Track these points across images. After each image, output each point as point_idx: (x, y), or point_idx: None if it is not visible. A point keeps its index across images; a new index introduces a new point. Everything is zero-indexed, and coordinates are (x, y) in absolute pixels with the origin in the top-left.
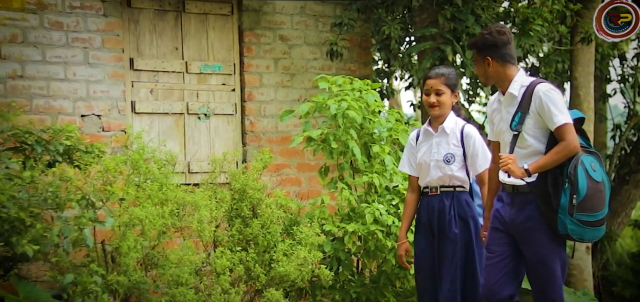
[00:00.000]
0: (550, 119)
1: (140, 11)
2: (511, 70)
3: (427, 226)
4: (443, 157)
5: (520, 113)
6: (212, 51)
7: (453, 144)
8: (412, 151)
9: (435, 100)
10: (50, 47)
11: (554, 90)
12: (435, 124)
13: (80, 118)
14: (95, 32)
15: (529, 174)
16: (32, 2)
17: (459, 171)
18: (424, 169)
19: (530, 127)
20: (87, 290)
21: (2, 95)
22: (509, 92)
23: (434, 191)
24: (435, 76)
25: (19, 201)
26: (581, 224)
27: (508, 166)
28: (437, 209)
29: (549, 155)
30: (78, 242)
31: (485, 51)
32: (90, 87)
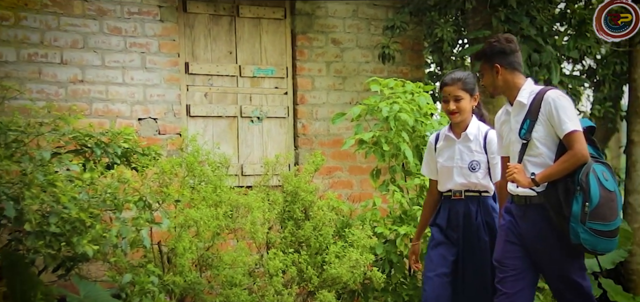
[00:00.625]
0: (559, 125)
1: (196, 16)
2: (519, 79)
3: (447, 231)
4: (468, 164)
5: (529, 120)
6: (265, 55)
7: (477, 151)
8: (432, 154)
9: (454, 107)
10: (109, 52)
11: (564, 97)
12: (457, 129)
13: (137, 121)
14: (152, 37)
15: (537, 184)
16: (92, 9)
17: (484, 178)
18: (445, 175)
19: (541, 135)
20: (145, 290)
21: (63, 99)
22: (518, 101)
23: (458, 195)
24: (452, 82)
25: (80, 202)
26: (594, 233)
27: (514, 176)
28: (462, 214)
29: (557, 164)
30: (135, 242)
31: (493, 59)
32: (147, 91)
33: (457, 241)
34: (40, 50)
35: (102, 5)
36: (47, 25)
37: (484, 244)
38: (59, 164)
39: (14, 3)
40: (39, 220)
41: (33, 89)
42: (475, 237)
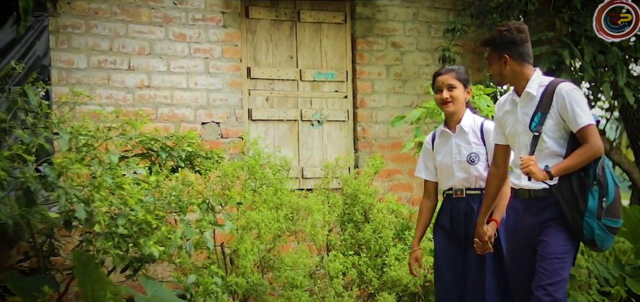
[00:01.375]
0: (573, 119)
1: (258, 21)
2: (528, 70)
3: (450, 231)
4: (466, 157)
5: (540, 114)
6: (325, 59)
7: (474, 143)
8: (428, 154)
9: (448, 96)
10: (174, 58)
11: (576, 90)
12: (452, 123)
13: (201, 125)
14: (216, 42)
15: (551, 177)
16: (158, 16)
17: (485, 170)
18: (445, 172)
19: (550, 128)
20: (209, 290)
21: (130, 105)
22: (527, 92)
23: (459, 194)
24: (446, 72)
25: (146, 205)
26: (606, 229)
27: (529, 168)
28: (464, 213)
29: (573, 157)
30: (199, 244)
31: (502, 49)
32: (210, 95)
33: (461, 239)
34: (109, 57)
35: (167, 13)
36: (116, 32)
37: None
38: (127, 168)
39: (85, 12)
40: (107, 222)
41: (102, 95)
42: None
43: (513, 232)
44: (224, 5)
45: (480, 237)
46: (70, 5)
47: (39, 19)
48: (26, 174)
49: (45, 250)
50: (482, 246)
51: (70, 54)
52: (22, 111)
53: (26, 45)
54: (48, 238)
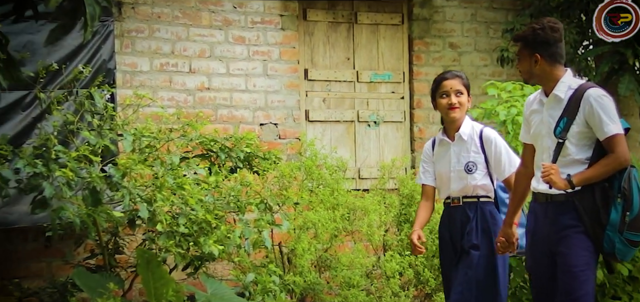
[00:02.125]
0: (600, 127)
1: (315, 24)
2: (559, 71)
3: (449, 241)
4: (464, 166)
5: (566, 119)
6: (382, 60)
7: (473, 152)
8: (429, 161)
9: (456, 101)
10: (234, 60)
11: (606, 97)
12: (451, 131)
13: (259, 126)
14: (274, 45)
15: (573, 186)
16: (218, 20)
17: (483, 178)
18: (443, 181)
19: (575, 135)
20: (267, 289)
21: (191, 106)
22: (555, 94)
23: (456, 202)
24: (453, 77)
25: (206, 204)
26: (628, 243)
27: (550, 177)
28: (459, 221)
29: (597, 167)
30: (257, 243)
31: (534, 47)
32: (268, 97)
33: (457, 246)
34: (171, 60)
35: (227, 16)
36: (178, 36)
37: (472, 246)
38: (187, 168)
39: (149, 16)
40: (169, 221)
41: (164, 97)
42: (466, 239)
43: (533, 237)
44: (283, 8)
45: (508, 237)
46: (134, 10)
47: (104, 24)
48: (92, 174)
49: (110, 248)
50: (507, 246)
51: (134, 58)
52: (88, 113)
53: (93, 50)
54: (113, 236)
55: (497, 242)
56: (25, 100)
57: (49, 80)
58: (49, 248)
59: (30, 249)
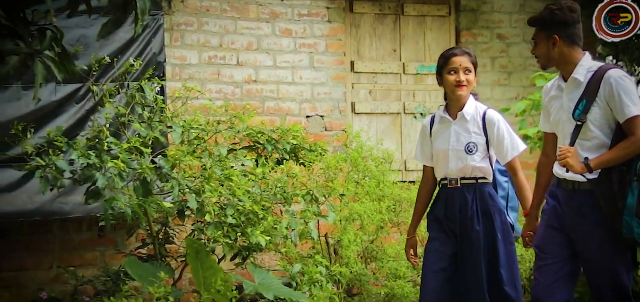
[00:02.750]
0: (620, 109)
1: (362, 16)
2: (578, 54)
3: (444, 223)
4: (464, 147)
5: (585, 101)
6: (429, 52)
7: (474, 132)
8: (426, 139)
9: (464, 79)
10: (281, 53)
11: (627, 78)
12: (454, 109)
13: (305, 119)
14: (320, 37)
15: (590, 170)
16: (266, 13)
17: (482, 161)
18: (441, 160)
19: (597, 117)
20: (314, 279)
21: (239, 99)
22: (574, 78)
23: (454, 184)
24: (462, 54)
25: (253, 196)
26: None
27: (567, 160)
28: (459, 203)
29: (615, 150)
30: (304, 234)
31: (552, 29)
32: (315, 89)
33: (455, 233)
34: (219, 53)
35: (274, 9)
36: (226, 29)
37: (476, 235)
38: (235, 160)
39: (198, 9)
40: (217, 212)
41: (213, 90)
42: (469, 227)
43: (549, 216)
44: (330, 0)
45: (535, 229)
46: (184, 4)
47: (155, 18)
48: (143, 165)
49: (161, 238)
50: (534, 238)
51: (183, 51)
52: (139, 106)
53: (144, 43)
54: (163, 227)
55: (525, 237)
56: (79, 93)
57: (102, 74)
58: (102, 238)
59: (85, 239)
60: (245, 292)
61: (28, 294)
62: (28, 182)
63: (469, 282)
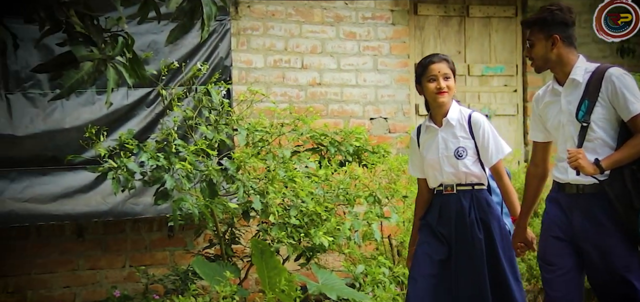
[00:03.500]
0: (625, 107)
1: (426, 18)
2: (573, 55)
3: (436, 228)
4: (453, 152)
5: (587, 101)
6: (494, 53)
7: (462, 136)
8: (415, 151)
9: (444, 85)
10: (344, 55)
11: (628, 75)
12: (438, 116)
13: (369, 121)
14: (384, 40)
15: (602, 170)
16: (330, 16)
17: (474, 164)
18: (434, 169)
19: (599, 117)
20: (376, 280)
21: (303, 102)
22: (572, 79)
23: (449, 190)
24: (440, 60)
25: (316, 197)
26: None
27: (578, 161)
28: (454, 210)
29: (625, 149)
30: (367, 236)
31: (552, 29)
32: (379, 92)
33: (449, 239)
34: (284, 57)
35: (339, 12)
36: (291, 33)
37: (478, 243)
38: (298, 162)
39: (264, 14)
40: (281, 212)
41: (277, 92)
42: (469, 235)
43: (552, 226)
44: (394, 3)
45: (526, 240)
46: (250, 9)
47: (222, 23)
48: (209, 167)
49: (227, 238)
50: (525, 249)
51: (249, 55)
52: (206, 109)
53: (211, 48)
54: (229, 227)
55: (515, 248)
56: (149, 97)
57: (171, 78)
58: (172, 238)
59: (156, 239)
60: (309, 292)
61: (102, 291)
62: (101, 184)
63: (471, 290)
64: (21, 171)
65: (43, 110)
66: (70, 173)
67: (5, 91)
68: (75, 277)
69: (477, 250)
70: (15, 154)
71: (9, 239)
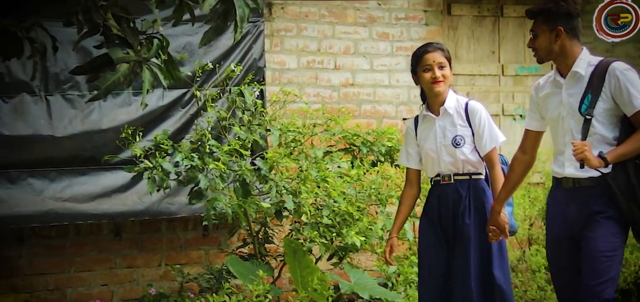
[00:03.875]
0: (629, 102)
1: (459, 18)
2: (577, 47)
3: (437, 220)
4: (451, 140)
5: (590, 95)
6: (529, 53)
7: (459, 125)
8: (412, 141)
9: (440, 75)
10: (377, 56)
11: (631, 70)
12: (435, 105)
13: (402, 121)
14: (417, 40)
15: (607, 164)
16: (363, 17)
17: (471, 153)
18: (431, 159)
19: (601, 111)
20: (409, 280)
21: (335, 102)
22: (575, 71)
23: (447, 180)
24: (434, 49)
25: (348, 197)
26: None
27: (585, 153)
28: (452, 200)
29: (630, 142)
30: (399, 235)
31: (557, 20)
32: (411, 92)
33: (448, 232)
34: (317, 57)
35: (372, 13)
36: (324, 34)
37: (466, 228)
38: (330, 162)
39: (297, 15)
40: (313, 212)
41: (310, 93)
42: (460, 222)
43: (553, 225)
44: (427, 3)
45: (497, 224)
46: (283, 10)
47: (256, 25)
48: (242, 167)
49: (260, 237)
50: (498, 233)
51: (282, 56)
52: (239, 110)
53: (245, 49)
54: (263, 226)
55: (488, 232)
56: (184, 98)
57: (205, 79)
58: (206, 237)
59: (191, 238)
60: (341, 291)
61: (139, 289)
62: (137, 184)
63: (455, 279)
64: (60, 170)
65: (81, 112)
66: (108, 173)
67: (45, 93)
68: (113, 275)
69: (464, 234)
70: (55, 154)
71: (49, 237)
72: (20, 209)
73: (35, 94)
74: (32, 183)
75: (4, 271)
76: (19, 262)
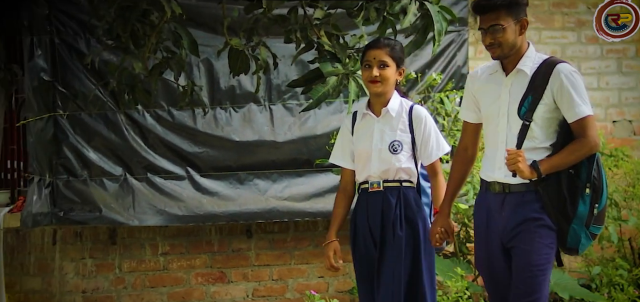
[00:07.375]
0: (570, 108)
1: None
2: (525, 43)
3: (367, 232)
4: (388, 146)
5: (531, 97)
6: None
7: (400, 130)
8: (347, 138)
9: (377, 74)
10: (585, 60)
11: (577, 74)
12: (377, 105)
13: (611, 123)
14: (630, 42)
15: (539, 175)
16: (571, 22)
17: (407, 161)
18: (363, 160)
19: (541, 116)
20: (613, 282)
21: None
22: (520, 69)
23: (375, 187)
24: (377, 46)
25: None
26: (591, 238)
27: (518, 165)
28: (381, 210)
29: (566, 153)
30: (604, 238)
31: (521, 11)
32: (622, 94)
33: (375, 239)
34: None
35: (581, 17)
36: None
37: (398, 240)
38: None
39: None
40: None
41: None
42: (390, 232)
43: (484, 234)
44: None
45: (447, 226)
46: None
47: (460, 33)
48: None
49: (461, 236)
50: (445, 237)
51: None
52: (440, 116)
53: (448, 57)
54: (463, 226)
55: (434, 234)
56: None
57: (410, 87)
58: None
59: None
60: None
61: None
62: None
63: (386, 285)
64: (281, 172)
65: (299, 119)
66: (322, 175)
67: (269, 102)
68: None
69: (396, 246)
70: (277, 157)
71: (272, 232)
72: (248, 206)
73: (260, 103)
74: (258, 183)
75: (236, 262)
76: (248, 254)
